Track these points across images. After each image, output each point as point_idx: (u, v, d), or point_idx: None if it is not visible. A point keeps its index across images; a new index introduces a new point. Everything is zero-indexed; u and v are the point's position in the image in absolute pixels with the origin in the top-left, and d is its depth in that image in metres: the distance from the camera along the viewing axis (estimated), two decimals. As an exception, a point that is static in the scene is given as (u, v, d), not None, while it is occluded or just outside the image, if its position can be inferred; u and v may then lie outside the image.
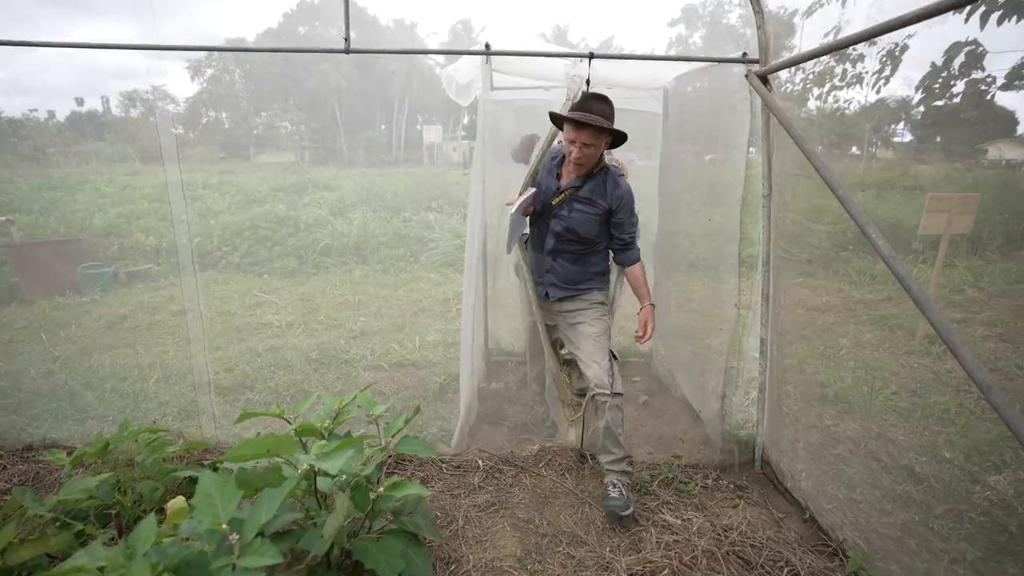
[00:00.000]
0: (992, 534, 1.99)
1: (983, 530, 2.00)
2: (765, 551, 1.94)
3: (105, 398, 3.16)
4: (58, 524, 1.77)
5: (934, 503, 2.17)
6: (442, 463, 2.51)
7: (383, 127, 45.51)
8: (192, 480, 2.05)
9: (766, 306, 2.37)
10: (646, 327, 2.26)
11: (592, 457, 2.53)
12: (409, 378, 3.59)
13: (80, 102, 33.75)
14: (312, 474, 1.32)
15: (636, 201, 2.30)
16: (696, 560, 1.88)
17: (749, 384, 2.56)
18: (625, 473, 2.22)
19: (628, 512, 2.08)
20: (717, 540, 1.97)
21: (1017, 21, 2.60)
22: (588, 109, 2.07)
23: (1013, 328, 4.19)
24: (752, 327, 2.46)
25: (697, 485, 2.37)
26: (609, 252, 2.39)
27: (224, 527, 1.00)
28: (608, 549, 1.97)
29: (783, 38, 2.57)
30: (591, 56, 2.21)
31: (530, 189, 2.28)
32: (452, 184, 13.00)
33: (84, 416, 2.92)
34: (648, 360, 3.74)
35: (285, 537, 1.32)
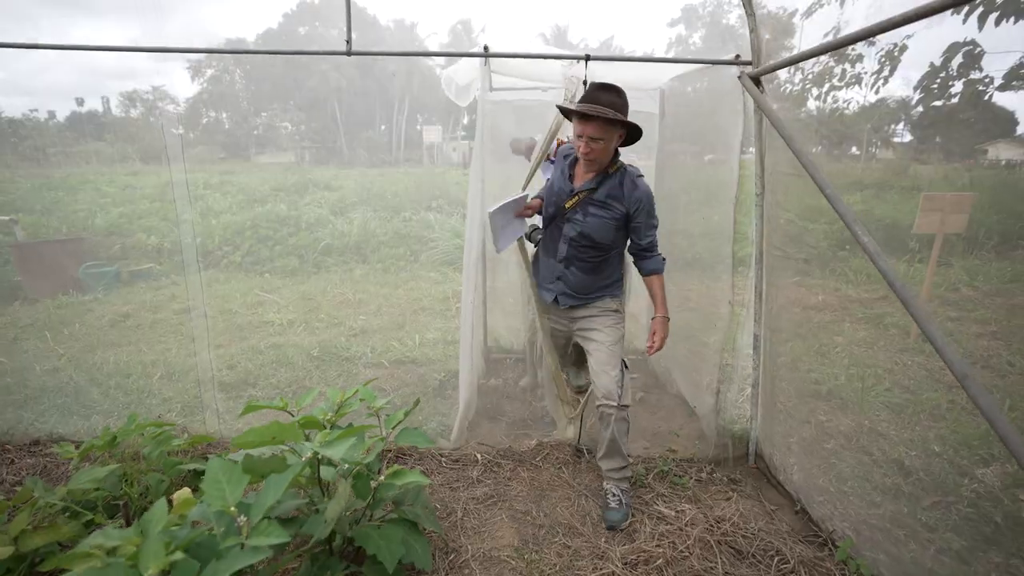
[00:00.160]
0: (978, 525, 2.04)
1: (970, 521, 2.05)
2: (756, 541, 1.98)
3: (110, 394, 3.21)
4: (68, 514, 1.83)
5: (923, 495, 2.22)
6: (441, 457, 2.56)
7: (383, 127, 45.56)
8: (197, 473, 2.10)
9: (759, 303, 2.42)
10: (654, 337, 2.15)
11: (589, 452, 2.58)
12: (409, 375, 3.63)
13: (80, 102, 33.88)
14: (316, 462, 1.37)
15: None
16: (689, 549, 1.93)
17: (743, 380, 2.61)
18: (625, 479, 2.21)
19: (626, 525, 2.09)
20: (710, 530, 2.02)
21: (1015, 22, 2.61)
22: (596, 100, 1.93)
23: (1006, 326, 4.24)
24: (746, 324, 2.51)
25: (691, 478, 2.42)
26: (623, 256, 2.27)
27: (232, 510, 1.05)
28: (603, 539, 2.02)
29: (782, 38, 2.60)
30: (587, 58, 2.25)
31: (517, 193, 2.20)
32: (452, 184, 13.07)
33: (90, 412, 2.97)
34: (645, 358, 3.79)
35: (289, 523, 1.37)
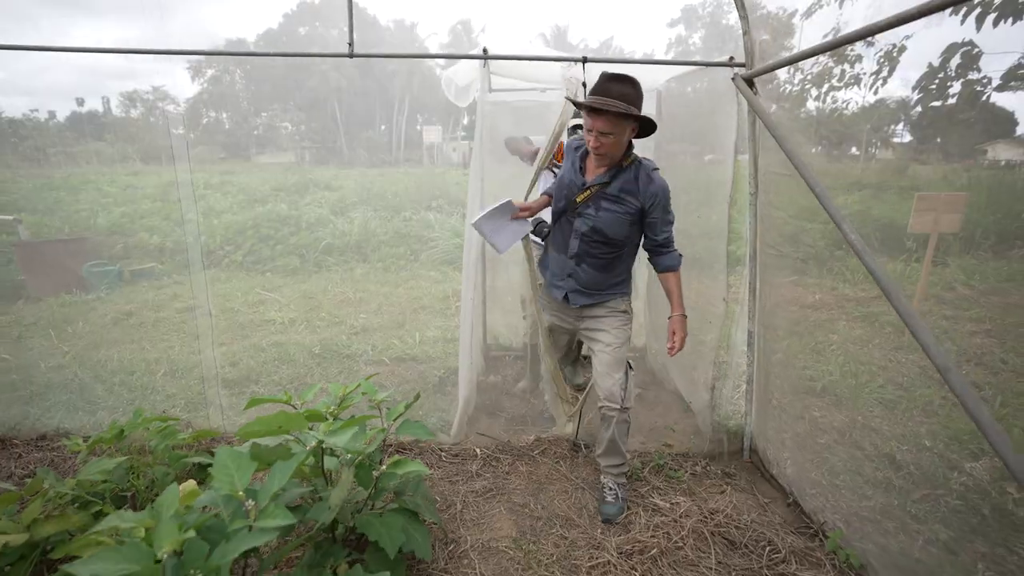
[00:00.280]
0: (966, 516, 2.08)
1: (958, 513, 2.10)
2: (749, 532, 2.03)
3: (114, 391, 3.25)
4: (77, 505, 1.87)
5: (913, 489, 2.26)
6: (441, 452, 2.61)
7: (383, 127, 45.63)
8: (202, 466, 2.14)
9: (753, 300, 2.47)
10: (674, 337, 2.10)
11: (586, 446, 2.63)
12: (409, 372, 3.68)
13: (81, 102, 33.86)
14: (320, 451, 1.42)
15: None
16: (683, 540, 1.98)
17: (738, 376, 2.66)
18: (622, 475, 2.26)
19: (621, 519, 2.14)
20: (703, 522, 2.07)
21: (1013, 22, 2.64)
22: (606, 92, 1.85)
23: (1000, 324, 4.28)
24: (741, 321, 2.55)
25: (687, 472, 2.46)
26: (636, 253, 2.23)
27: (240, 494, 1.10)
28: (599, 531, 2.07)
29: (782, 39, 2.64)
30: (584, 60, 2.30)
31: (500, 200, 2.16)
32: (452, 184, 13.11)
33: (95, 407, 3.02)
34: (642, 355, 3.83)
35: (294, 511, 1.42)
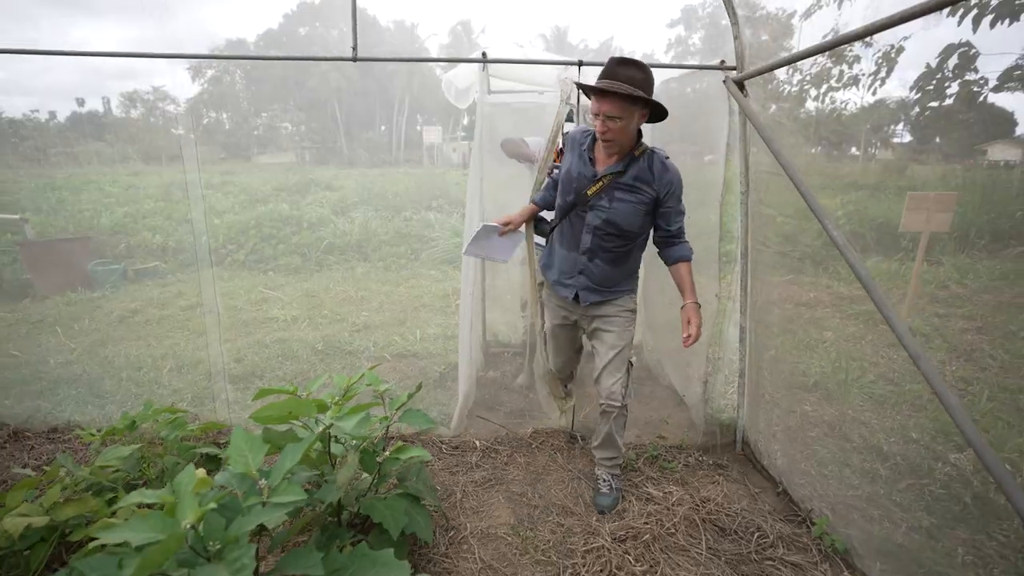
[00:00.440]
0: (949, 505, 2.16)
1: (940, 501, 2.17)
2: (739, 519, 2.10)
3: (122, 385, 3.33)
4: (92, 492, 1.95)
5: (898, 479, 2.34)
6: (442, 444, 2.68)
7: (383, 128, 45.73)
8: (210, 457, 2.22)
9: (744, 296, 2.54)
10: (689, 326, 1.99)
11: (583, 438, 2.70)
12: (410, 367, 3.75)
13: (81, 103, 33.97)
14: (327, 437, 1.49)
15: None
16: (675, 527, 2.05)
17: (731, 371, 2.73)
18: (617, 467, 2.32)
19: (615, 509, 2.21)
20: (695, 509, 2.14)
21: (1009, 24, 2.64)
22: (614, 75, 1.80)
23: (990, 322, 4.36)
24: (733, 317, 2.63)
25: (680, 463, 2.54)
26: (645, 246, 2.19)
27: (255, 473, 1.17)
28: (594, 518, 2.14)
29: (781, 39, 2.71)
30: (580, 63, 2.37)
31: (480, 223, 2.21)
32: (452, 184, 13.20)
33: (104, 401, 3.09)
34: (639, 351, 3.91)
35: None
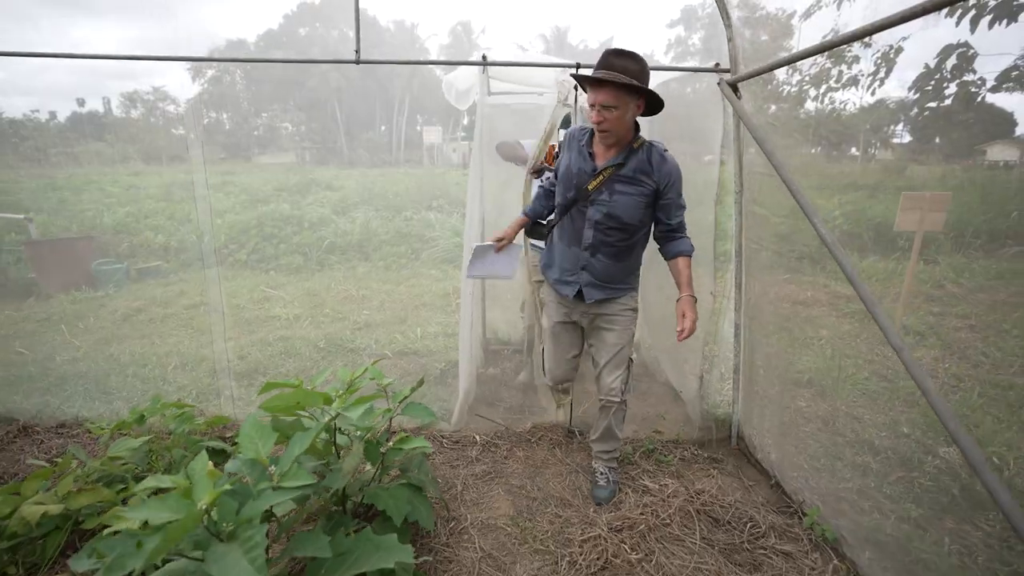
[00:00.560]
0: (937, 496, 2.21)
1: (929, 493, 2.23)
2: (732, 510, 2.16)
3: (128, 382, 3.38)
4: (102, 482, 2.00)
5: (889, 472, 2.39)
6: (443, 438, 2.73)
7: (383, 128, 45.78)
8: (216, 451, 2.28)
9: (739, 294, 2.60)
10: (684, 320, 1.95)
11: (581, 433, 2.76)
12: (411, 365, 3.81)
13: (81, 103, 33.92)
14: (332, 428, 1.54)
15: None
16: (670, 517, 2.10)
17: (727, 367, 2.78)
18: (614, 460, 2.37)
19: (612, 501, 2.26)
20: (690, 501, 2.20)
21: (1007, 24, 2.65)
22: (609, 66, 1.81)
23: (984, 320, 4.41)
24: (728, 314, 2.68)
25: (676, 457, 2.59)
26: (647, 242, 2.17)
27: (265, 459, 1.22)
28: (592, 509, 2.20)
29: (781, 39, 2.76)
30: (577, 66, 2.42)
31: (474, 244, 2.27)
32: (452, 184, 13.26)
33: (111, 397, 3.15)
34: (636, 347, 3.96)
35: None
